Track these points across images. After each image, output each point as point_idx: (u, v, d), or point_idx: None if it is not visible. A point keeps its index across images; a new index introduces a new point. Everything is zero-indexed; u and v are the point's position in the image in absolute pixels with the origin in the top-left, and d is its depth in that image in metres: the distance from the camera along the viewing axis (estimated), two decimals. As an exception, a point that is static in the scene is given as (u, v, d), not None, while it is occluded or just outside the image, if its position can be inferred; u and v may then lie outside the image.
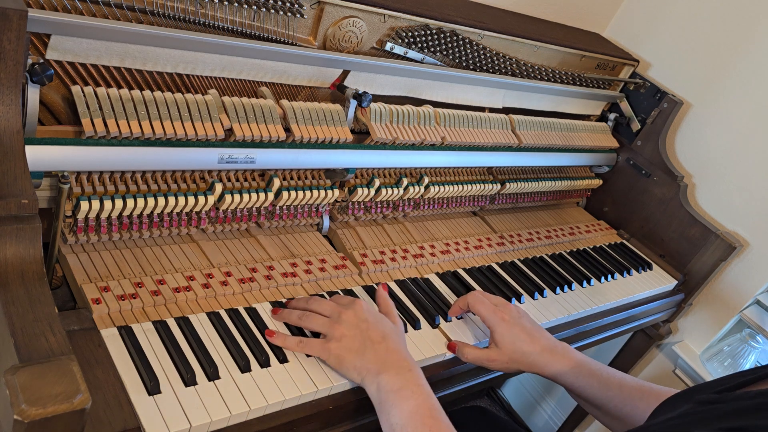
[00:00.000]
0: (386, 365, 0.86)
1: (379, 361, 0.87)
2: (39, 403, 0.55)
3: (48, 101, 0.89)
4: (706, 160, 1.69)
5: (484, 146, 1.36)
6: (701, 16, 1.67)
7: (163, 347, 0.83)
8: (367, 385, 0.87)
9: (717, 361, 1.68)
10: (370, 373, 0.86)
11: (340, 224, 1.24)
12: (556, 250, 1.52)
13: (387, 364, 0.86)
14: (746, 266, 1.62)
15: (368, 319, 0.92)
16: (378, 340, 0.89)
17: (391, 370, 0.86)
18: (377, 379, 0.85)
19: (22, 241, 0.70)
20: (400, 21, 1.19)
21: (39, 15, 0.79)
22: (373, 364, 0.87)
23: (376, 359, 0.87)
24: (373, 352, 0.88)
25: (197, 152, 0.95)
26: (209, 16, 0.97)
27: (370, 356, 0.88)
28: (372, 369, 0.86)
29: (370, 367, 0.87)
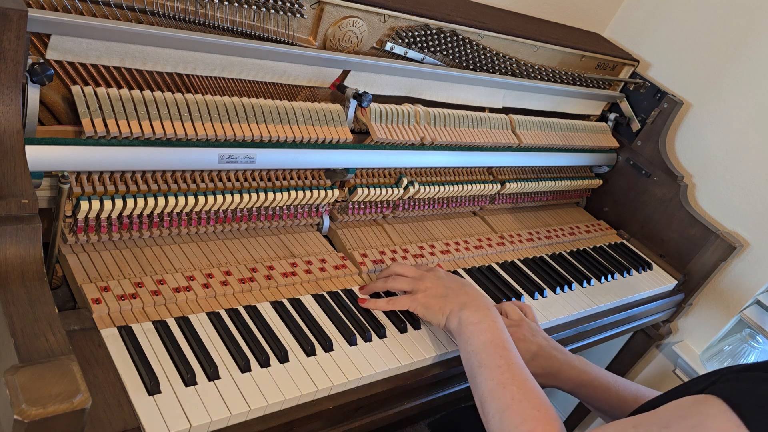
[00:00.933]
0: (467, 303, 0.98)
1: (461, 301, 0.99)
2: (39, 403, 0.55)
3: (48, 101, 0.89)
4: (706, 160, 1.69)
5: (484, 146, 1.36)
6: (701, 16, 1.68)
7: (163, 347, 0.83)
8: (449, 320, 0.98)
9: (717, 361, 1.68)
10: (453, 311, 0.98)
11: (340, 224, 1.24)
12: (556, 250, 1.52)
13: (467, 303, 0.98)
14: (746, 266, 1.62)
15: (446, 276, 1.06)
16: (458, 288, 1.02)
17: (471, 307, 0.97)
18: (459, 314, 0.96)
19: (22, 241, 0.70)
20: (400, 21, 1.19)
21: (39, 15, 0.79)
22: (455, 304, 0.98)
23: (458, 300, 0.99)
24: (455, 294, 1.01)
25: (197, 152, 0.95)
26: (209, 16, 0.97)
27: (452, 298, 1.00)
28: (455, 307, 0.98)
29: (453, 306, 0.98)
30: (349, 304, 1.04)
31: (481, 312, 0.96)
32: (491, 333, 0.93)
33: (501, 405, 0.84)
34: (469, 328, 0.94)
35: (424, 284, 1.03)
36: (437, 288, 1.02)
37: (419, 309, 1.02)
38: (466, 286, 1.03)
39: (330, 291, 1.06)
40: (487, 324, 0.95)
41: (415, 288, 1.03)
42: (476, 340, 0.93)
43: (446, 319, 0.99)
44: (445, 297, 1.00)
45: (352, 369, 0.93)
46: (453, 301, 0.99)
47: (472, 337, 0.93)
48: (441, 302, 1.00)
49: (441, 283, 1.03)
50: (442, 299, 1.00)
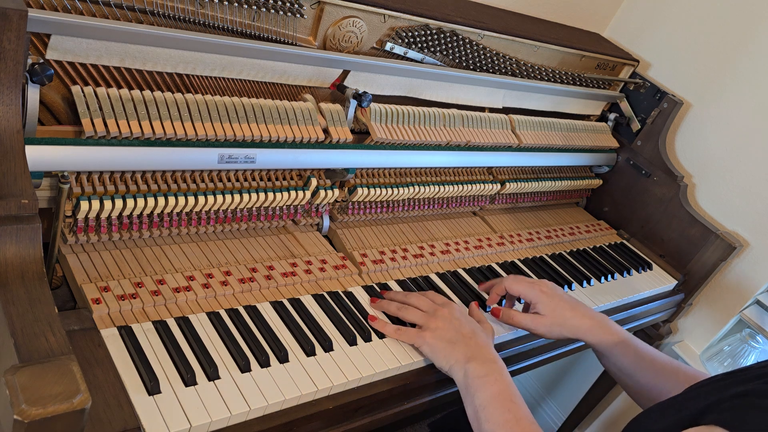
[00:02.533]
0: (474, 356, 0.95)
1: (468, 352, 0.96)
2: (39, 403, 0.55)
3: (48, 101, 0.89)
4: (706, 160, 1.69)
5: (484, 146, 1.36)
6: (701, 16, 1.68)
7: (163, 347, 0.83)
8: (455, 371, 0.95)
9: (717, 361, 1.68)
10: (458, 362, 0.95)
11: (340, 224, 1.24)
12: (556, 250, 1.52)
13: (475, 355, 0.95)
14: (746, 266, 1.62)
15: (460, 318, 1.02)
16: (468, 335, 0.99)
17: (478, 359, 0.94)
18: (465, 367, 0.94)
19: (22, 241, 0.70)
20: (400, 21, 1.19)
21: (39, 15, 0.79)
22: (462, 354, 0.96)
23: (465, 350, 0.96)
24: (463, 344, 0.97)
25: (197, 152, 0.95)
26: (209, 16, 0.97)
27: (460, 347, 0.97)
28: (461, 358, 0.95)
29: (459, 356, 0.95)
30: (349, 305, 1.05)
31: (489, 365, 0.94)
32: (498, 386, 0.91)
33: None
34: (476, 381, 0.92)
35: (435, 323, 1.00)
36: (447, 331, 0.99)
37: (425, 348, 0.99)
38: (476, 335, 0.99)
39: (330, 291, 1.06)
40: (494, 377, 0.92)
41: (426, 325, 1.01)
42: (483, 393, 0.90)
43: (450, 367, 0.96)
44: (453, 344, 0.97)
45: (352, 369, 0.93)
46: (460, 350, 0.96)
47: (478, 391, 0.91)
48: (448, 348, 0.97)
49: (452, 326, 1.00)
50: (449, 345, 0.97)
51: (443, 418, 1.59)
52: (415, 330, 1.01)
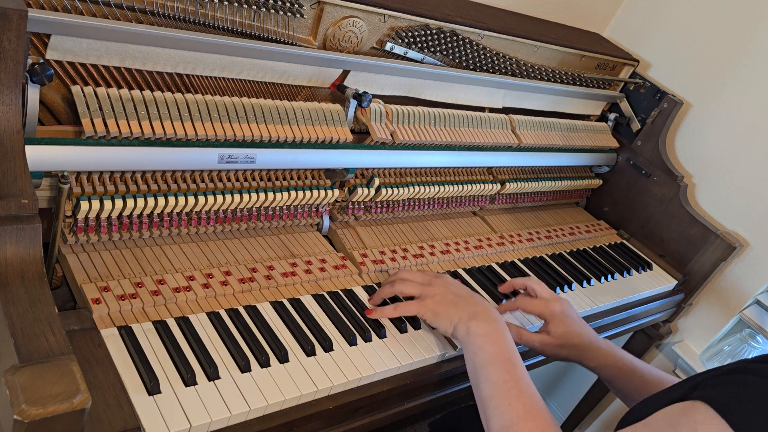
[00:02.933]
0: (476, 314, 0.97)
1: (470, 310, 0.98)
2: (39, 403, 0.55)
3: (48, 101, 0.89)
4: (706, 160, 1.69)
5: (484, 146, 1.36)
6: (701, 16, 1.68)
7: (163, 347, 0.83)
8: (458, 329, 0.97)
9: (717, 361, 1.68)
10: (462, 320, 0.97)
11: (340, 224, 1.24)
12: (556, 250, 1.52)
13: (477, 313, 0.97)
14: (746, 266, 1.62)
15: (456, 283, 1.05)
16: (467, 296, 1.01)
17: (480, 317, 0.96)
18: (468, 324, 0.95)
19: (22, 241, 0.70)
20: (400, 21, 1.19)
21: (39, 15, 0.79)
22: (464, 313, 0.97)
23: (467, 309, 0.98)
24: (464, 303, 1.00)
25: (197, 152, 0.95)
26: (209, 16, 0.97)
27: (462, 306, 0.99)
28: (464, 317, 0.97)
29: (462, 315, 0.97)
30: (349, 304, 1.04)
31: (490, 324, 0.95)
32: (499, 346, 0.92)
33: (505, 422, 0.84)
34: (477, 339, 0.93)
35: (432, 290, 1.02)
36: (446, 294, 1.01)
37: (428, 315, 1.00)
38: (475, 296, 1.02)
39: (330, 291, 1.06)
40: (495, 336, 0.94)
41: (423, 293, 1.02)
42: (484, 352, 0.92)
43: (454, 327, 0.97)
44: (455, 304, 0.99)
45: (352, 369, 0.93)
46: (462, 309, 0.98)
47: (480, 349, 0.92)
48: (450, 309, 0.98)
49: (450, 290, 1.02)
50: (451, 306, 0.99)
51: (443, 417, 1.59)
52: (414, 301, 1.02)
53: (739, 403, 0.64)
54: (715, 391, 0.67)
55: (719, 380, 0.69)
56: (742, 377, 0.68)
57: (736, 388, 0.67)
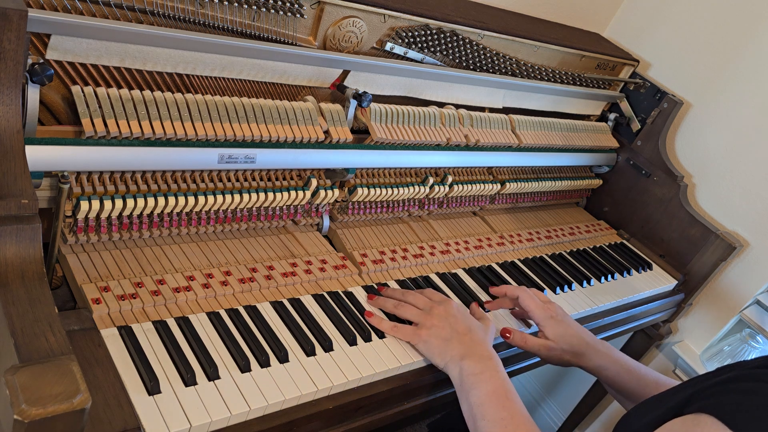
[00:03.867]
0: (469, 353, 0.95)
1: (463, 349, 0.96)
2: (39, 403, 0.55)
3: (48, 101, 0.89)
4: (706, 160, 1.69)
5: (484, 146, 1.36)
6: (701, 16, 1.67)
7: (163, 347, 0.83)
8: (450, 369, 0.96)
9: (717, 361, 1.68)
10: (453, 359, 0.95)
11: (340, 224, 1.24)
12: (556, 250, 1.52)
13: (470, 352, 0.95)
14: (746, 266, 1.62)
15: (456, 315, 1.02)
16: (464, 332, 0.99)
17: (473, 357, 0.94)
18: (460, 364, 0.94)
19: (22, 241, 0.70)
20: (400, 21, 1.19)
21: (39, 15, 0.79)
22: (457, 351, 0.96)
23: (460, 347, 0.96)
24: (458, 341, 0.97)
25: (197, 152, 0.95)
26: (209, 16, 0.97)
27: (455, 344, 0.97)
28: (456, 355, 0.95)
29: (454, 353, 0.96)
30: (349, 305, 1.04)
31: (484, 362, 0.94)
32: (494, 383, 0.91)
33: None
34: (471, 378, 0.92)
35: (431, 321, 1.00)
36: (443, 328, 0.99)
37: (420, 346, 0.99)
38: (472, 332, 1.00)
39: (330, 291, 1.06)
40: (489, 374, 0.92)
41: (422, 323, 1.01)
42: (478, 390, 0.91)
43: (446, 365, 0.96)
44: (448, 341, 0.97)
45: (352, 369, 0.93)
46: (455, 348, 0.96)
47: (474, 388, 0.91)
48: (443, 346, 0.97)
49: (448, 323, 1.00)
50: (444, 343, 0.97)
51: (443, 418, 1.59)
52: (411, 327, 1.01)
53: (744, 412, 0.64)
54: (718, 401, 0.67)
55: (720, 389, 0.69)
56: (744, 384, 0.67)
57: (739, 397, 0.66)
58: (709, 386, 0.71)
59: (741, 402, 0.65)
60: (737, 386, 0.68)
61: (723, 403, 0.66)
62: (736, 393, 0.67)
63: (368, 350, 0.97)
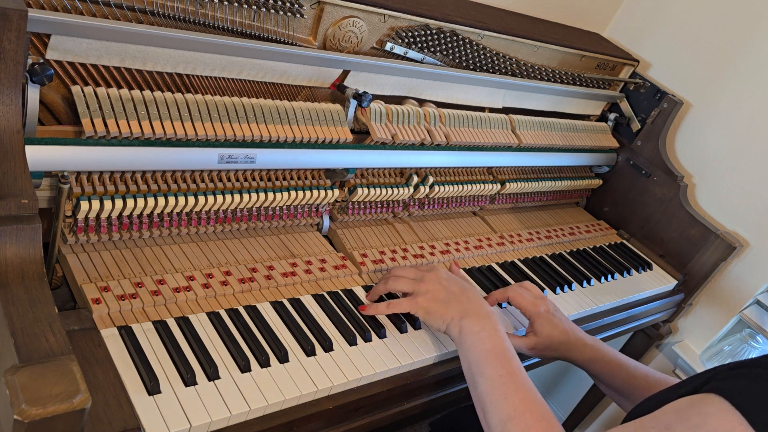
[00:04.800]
0: (468, 312, 0.97)
1: (462, 308, 0.98)
2: (39, 403, 0.55)
3: (48, 101, 0.89)
4: (706, 160, 1.69)
5: (484, 146, 1.36)
6: (701, 16, 1.67)
7: (163, 347, 0.83)
8: (450, 328, 0.97)
9: (717, 361, 1.68)
10: (454, 319, 0.97)
11: (340, 224, 1.24)
12: (556, 250, 1.52)
13: (469, 311, 0.97)
14: (746, 266, 1.62)
15: (448, 278, 1.04)
16: (459, 293, 1.01)
17: (472, 315, 0.96)
18: (460, 323, 0.96)
19: (22, 241, 0.70)
20: (400, 21, 1.19)
21: (39, 15, 0.79)
22: (456, 311, 0.97)
23: (459, 307, 0.98)
24: (456, 301, 0.99)
25: (197, 152, 0.95)
26: (209, 16, 0.97)
27: (453, 304, 0.99)
28: (456, 315, 0.97)
29: (454, 313, 0.97)
30: (349, 304, 1.04)
31: (482, 320, 0.95)
32: (493, 341, 0.92)
33: (503, 416, 0.84)
34: (471, 337, 0.93)
35: (425, 286, 1.01)
36: (439, 291, 1.01)
37: (420, 313, 1.00)
38: (467, 291, 1.02)
39: (330, 291, 1.06)
40: (488, 332, 0.94)
41: (416, 290, 1.02)
42: (478, 348, 0.92)
43: (446, 325, 0.97)
44: (447, 303, 0.99)
45: (352, 369, 0.93)
46: (454, 307, 0.98)
47: (473, 346, 0.92)
48: (442, 308, 0.98)
49: (442, 286, 1.01)
50: (443, 305, 0.99)
51: (444, 417, 1.59)
52: (406, 298, 1.02)
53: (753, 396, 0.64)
54: (728, 384, 0.67)
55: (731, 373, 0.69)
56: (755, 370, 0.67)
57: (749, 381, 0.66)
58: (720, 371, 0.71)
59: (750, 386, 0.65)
60: (749, 371, 0.68)
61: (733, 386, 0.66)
62: (748, 378, 0.67)
63: (368, 350, 0.97)
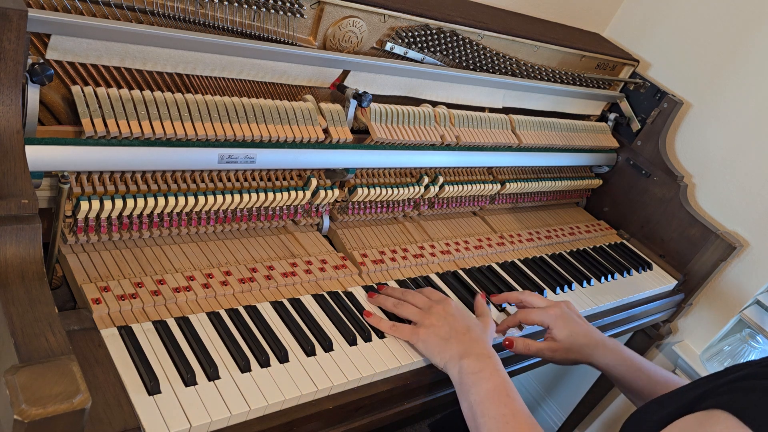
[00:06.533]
0: (468, 352, 0.95)
1: (462, 348, 0.96)
2: (39, 403, 0.55)
3: (48, 101, 0.89)
4: (706, 160, 1.69)
5: (484, 146, 1.36)
6: (701, 16, 1.68)
7: (163, 347, 0.83)
8: (449, 368, 0.95)
9: (717, 361, 1.68)
10: (453, 358, 0.95)
11: (340, 224, 1.24)
12: (556, 250, 1.52)
13: (469, 351, 0.95)
14: (746, 266, 1.62)
15: (455, 314, 1.02)
16: (463, 332, 0.98)
17: (472, 356, 0.94)
18: (459, 363, 0.94)
19: (22, 241, 0.70)
20: (400, 21, 1.19)
21: (39, 15, 0.79)
22: (456, 351, 0.95)
23: (459, 346, 0.96)
24: (457, 340, 0.97)
25: (197, 152, 0.95)
26: (209, 16, 0.97)
27: (454, 343, 0.97)
28: (455, 355, 0.95)
29: (453, 353, 0.95)
30: (349, 304, 1.04)
31: (482, 361, 0.94)
32: (493, 381, 0.91)
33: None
34: (470, 377, 0.92)
35: (430, 320, 1.00)
36: (442, 328, 0.99)
37: (419, 345, 1.00)
38: (471, 331, 0.99)
39: (330, 291, 1.06)
40: (488, 372, 0.92)
41: (420, 322, 1.01)
42: (478, 389, 0.90)
43: (445, 364, 0.96)
44: (447, 341, 0.97)
45: (352, 369, 0.93)
46: (453, 347, 0.96)
47: (474, 387, 0.91)
48: (442, 345, 0.97)
49: (447, 322, 1.00)
50: (443, 342, 0.97)
51: (443, 418, 1.59)
52: (410, 327, 1.01)
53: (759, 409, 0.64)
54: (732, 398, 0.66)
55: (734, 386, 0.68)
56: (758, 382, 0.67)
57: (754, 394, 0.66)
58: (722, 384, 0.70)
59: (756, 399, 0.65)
60: (752, 384, 0.67)
61: (737, 400, 0.66)
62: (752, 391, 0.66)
63: (368, 350, 0.97)
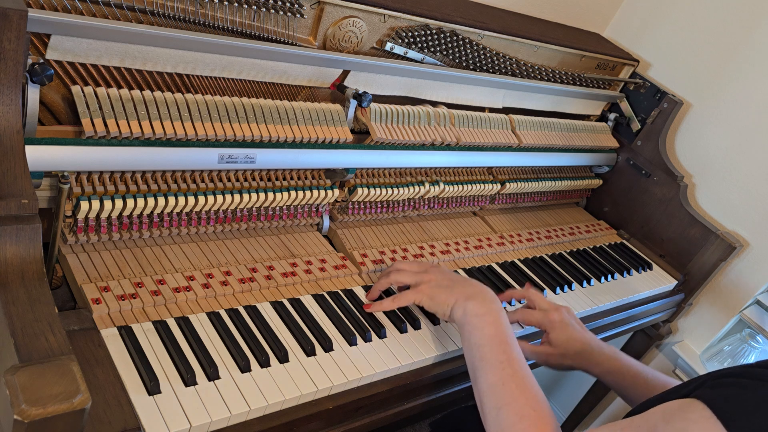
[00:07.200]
0: (472, 295, 0.98)
1: (467, 292, 0.99)
2: (39, 403, 0.55)
3: (48, 101, 0.89)
4: (706, 160, 1.69)
5: (484, 146, 1.36)
6: (701, 16, 1.68)
7: (163, 347, 0.83)
8: (455, 311, 0.98)
9: (717, 361, 1.68)
10: (458, 302, 0.98)
11: (340, 224, 1.24)
12: (556, 250, 1.52)
13: (473, 294, 0.98)
14: (746, 266, 1.62)
15: (449, 270, 1.06)
16: (463, 280, 1.03)
17: (477, 298, 0.97)
18: (464, 305, 0.96)
19: (22, 241, 0.70)
20: (400, 21, 1.19)
21: (39, 15, 0.79)
22: (461, 293, 0.98)
23: (464, 291, 0.99)
24: (461, 286, 1.00)
25: (197, 152, 0.95)
26: (209, 16, 0.97)
27: (458, 289, 1.00)
28: (461, 298, 0.98)
29: (459, 296, 0.98)
30: (349, 304, 1.04)
31: (486, 305, 0.96)
32: (495, 327, 0.93)
33: (499, 402, 0.85)
34: (474, 319, 0.94)
35: (428, 276, 1.03)
36: (442, 279, 1.02)
37: (425, 300, 1.01)
38: (471, 279, 1.03)
39: (330, 291, 1.06)
40: (492, 317, 0.94)
41: (419, 281, 1.03)
42: (480, 332, 0.93)
43: (451, 309, 0.98)
44: (451, 288, 1.00)
45: (352, 369, 0.93)
46: (459, 291, 0.99)
47: (476, 329, 0.93)
48: (447, 293, 0.99)
49: (446, 276, 1.03)
50: (447, 290, 1.00)
51: (444, 417, 1.59)
52: (411, 290, 1.03)
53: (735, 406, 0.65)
54: (714, 392, 0.68)
55: (718, 382, 0.70)
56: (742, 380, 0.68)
57: (734, 390, 0.67)
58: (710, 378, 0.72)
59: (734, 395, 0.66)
60: (735, 381, 0.69)
61: (717, 395, 0.67)
62: (732, 387, 0.68)
63: (368, 350, 0.97)
